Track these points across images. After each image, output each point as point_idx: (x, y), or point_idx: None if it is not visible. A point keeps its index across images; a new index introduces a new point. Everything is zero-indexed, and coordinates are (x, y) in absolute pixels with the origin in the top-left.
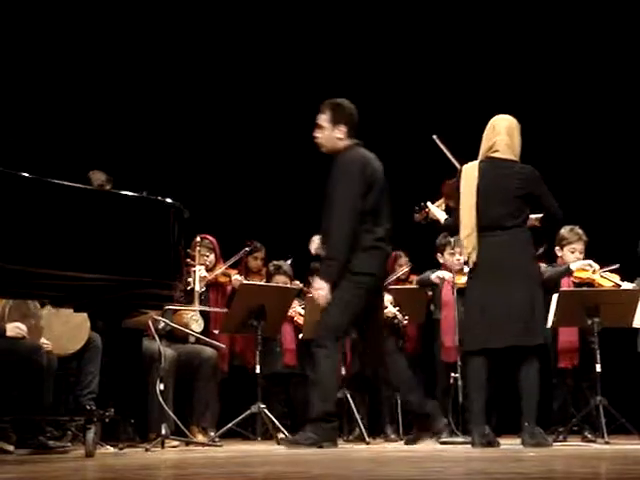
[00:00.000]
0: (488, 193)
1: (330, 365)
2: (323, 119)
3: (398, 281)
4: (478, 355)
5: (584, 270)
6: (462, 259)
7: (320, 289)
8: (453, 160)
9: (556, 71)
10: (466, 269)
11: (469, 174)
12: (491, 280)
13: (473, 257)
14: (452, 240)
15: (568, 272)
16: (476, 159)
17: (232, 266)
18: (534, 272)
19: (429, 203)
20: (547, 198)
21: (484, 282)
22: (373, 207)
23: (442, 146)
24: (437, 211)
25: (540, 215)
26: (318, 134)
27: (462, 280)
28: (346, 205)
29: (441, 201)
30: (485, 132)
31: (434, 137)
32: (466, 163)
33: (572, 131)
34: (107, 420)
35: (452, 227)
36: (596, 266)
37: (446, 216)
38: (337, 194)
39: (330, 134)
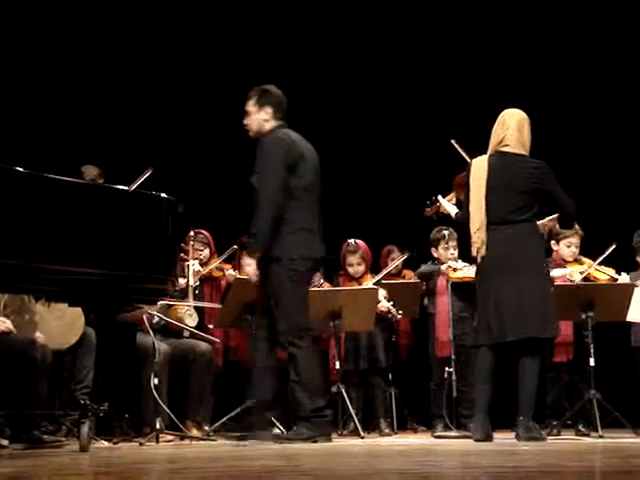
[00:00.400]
0: (497, 188)
1: (310, 360)
2: (250, 104)
3: (390, 276)
4: (489, 349)
5: (580, 265)
6: (456, 253)
7: (248, 265)
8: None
9: (564, 69)
10: (461, 263)
11: (478, 168)
12: (501, 274)
13: (482, 252)
14: (446, 234)
15: None
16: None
17: (226, 261)
18: (542, 265)
19: (440, 197)
20: (558, 193)
21: (494, 277)
22: (305, 187)
23: (460, 150)
24: (448, 205)
25: (555, 215)
26: (246, 121)
27: (457, 275)
28: (271, 182)
29: (452, 195)
30: (495, 126)
31: (452, 141)
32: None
33: (570, 126)
34: (101, 414)
35: (463, 221)
36: (577, 278)
37: (457, 210)
38: (263, 172)
39: (256, 116)
